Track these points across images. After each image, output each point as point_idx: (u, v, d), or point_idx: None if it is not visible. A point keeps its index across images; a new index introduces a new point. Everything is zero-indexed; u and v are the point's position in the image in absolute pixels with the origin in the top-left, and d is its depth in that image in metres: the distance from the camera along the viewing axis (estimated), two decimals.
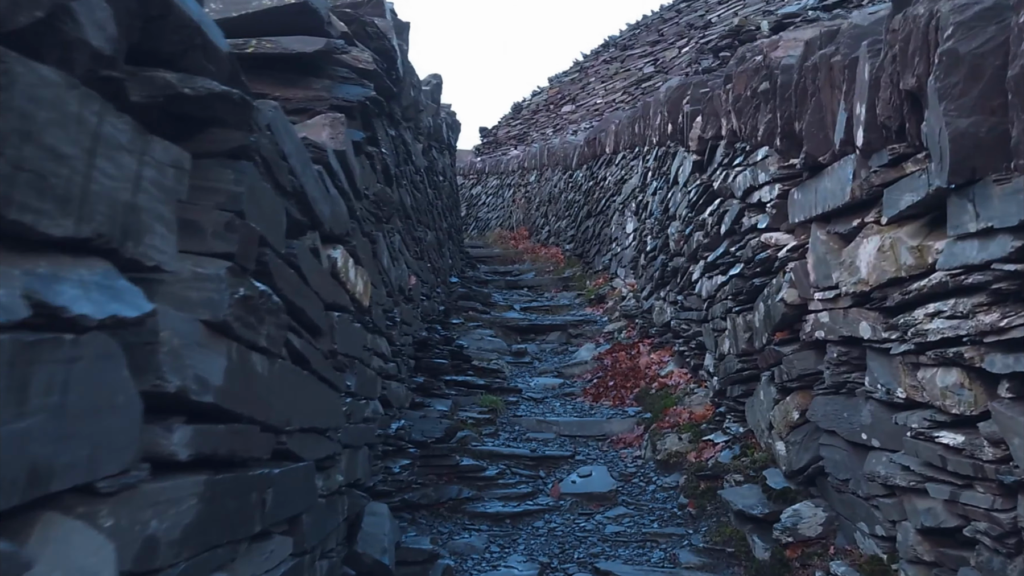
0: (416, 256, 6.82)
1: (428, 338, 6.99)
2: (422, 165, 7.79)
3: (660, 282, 8.12)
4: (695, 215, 6.53)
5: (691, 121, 6.36)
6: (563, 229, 15.20)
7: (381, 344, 4.56)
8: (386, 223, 4.93)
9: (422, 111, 7.52)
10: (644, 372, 7.72)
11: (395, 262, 5.33)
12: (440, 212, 9.61)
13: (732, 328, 5.40)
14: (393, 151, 5.24)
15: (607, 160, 12.31)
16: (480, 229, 20.98)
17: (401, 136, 6.38)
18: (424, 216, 7.57)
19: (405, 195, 6.13)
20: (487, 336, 9.51)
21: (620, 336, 9.30)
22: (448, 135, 11.17)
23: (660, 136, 8.28)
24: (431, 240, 8.15)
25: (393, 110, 5.17)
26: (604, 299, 10.98)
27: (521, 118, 26.18)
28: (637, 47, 24.69)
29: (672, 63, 22.42)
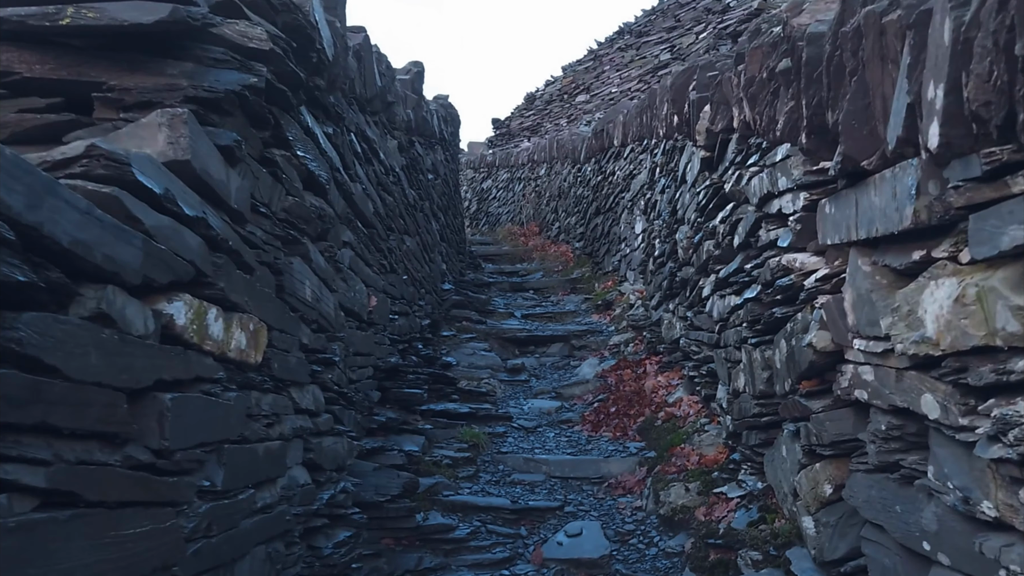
0: (383, 270, 5.84)
1: (399, 364, 6.00)
2: (397, 164, 6.79)
3: (669, 292, 7.09)
4: (705, 220, 5.50)
5: (698, 111, 5.32)
6: (573, 226, 14.18)
7: (303, 397, 3.58)
8: (318, 241, 3.94)
9: (393, 103, 6.52)
10: (650, 397, 6.70)
11: (337, 285, 4.35)
12: (428, 214, 8.61)
13: (748, 363, 4.37)
14: (332, 151, 4.25)
15: (615, 153, 11.26)
16: (491, 224, 20.01)
17: (360, 132, 5.39)
18: (398, 221, 6.58)
19: (363, 201, 5.14)
20: (480, 351, 8.52)
21: (627, 350, 8.28)
22: (441, 128, 10.13)
23: (667, 128, 7.23)
24: (411, 248, 7.16)
25: (328, 101, 4.17)
26: (612, 305, 9.95)
27: (534, 109, 25.15)
28: (653, 33, 23.68)
29: (689, 49, 21.40)
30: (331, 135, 4.23)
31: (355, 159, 5.10)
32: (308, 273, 3.66)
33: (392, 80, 6.65)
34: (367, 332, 5.21)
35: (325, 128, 4.17)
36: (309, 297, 3.63)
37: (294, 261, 3.44)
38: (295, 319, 3.43)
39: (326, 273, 4.03)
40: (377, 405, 5.63)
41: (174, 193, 2.20)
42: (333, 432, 4.04)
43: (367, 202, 5.35)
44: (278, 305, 3.18)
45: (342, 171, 4.44)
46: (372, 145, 5.72)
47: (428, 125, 8.66)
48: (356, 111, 5.31)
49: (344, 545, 3.92)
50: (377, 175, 5.84)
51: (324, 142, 4.05)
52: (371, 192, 5.53)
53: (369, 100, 5.78)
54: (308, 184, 3.73)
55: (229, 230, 2.65)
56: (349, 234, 4.79)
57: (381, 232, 5.82)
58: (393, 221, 6.37)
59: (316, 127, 3.91)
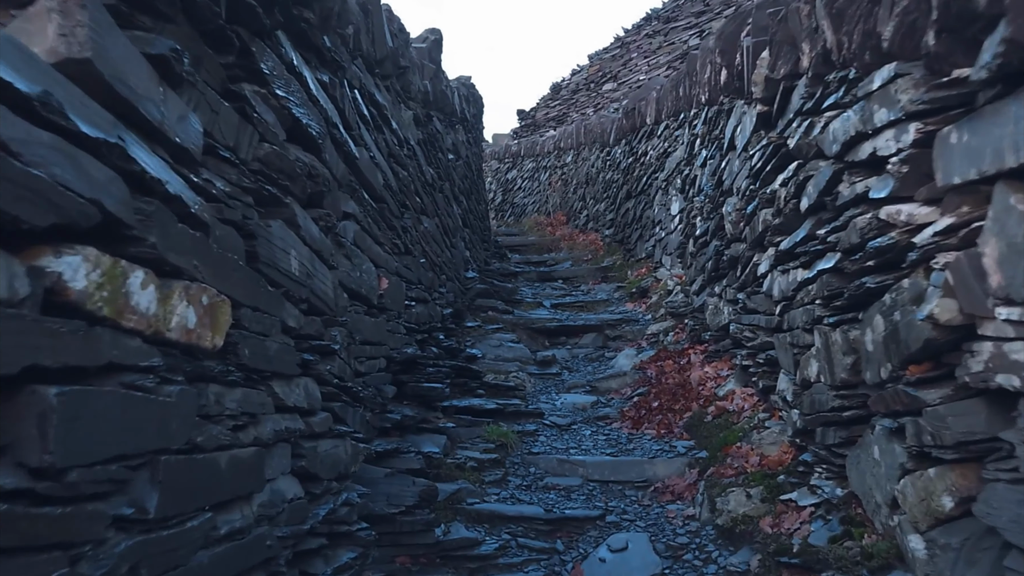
0: (396, 250, 5.15)
1: (417, 356, 5.30)
2: (412, 137, 6.10)
3: (714, 274, 6.35)
4: (760, 187, 4.76)
5: (754, 58, 4.57)
6: (602, 213, 13.44)
7: (290, 392, 2.89)
8: (310, 206, 3.26)
9: (407, 68, 5.83)
10: (697, 390, 5.97)
11: (338, 261, 3.67)
12: (449, 196, 7.92)
13: (824, 347, 3.63)
14: (328, 104, 3.56)
15: (647, 132, 10.51)
16: (516, 215, 19.30)
17: (368, 94, 4.71)
18: (414, 199, 5.89)
19: (371, 170, 4.46)
20: (507, 342, 7.82)
21: (666, 340, 7.54)
22: (462, 108, 9.43)
23: (711, 92, 6.48)
24: (429, 229, 6.48)
25: (322, 43, 3.48)
26: (647, 293, 9.21)
27: (560, 99, 24.41)
28: (681, 19, 22.88)
29: None
30: (327, 84, 3.55)
31: (360, 121, 4.42)
32: (295, 241, 2.97)
33: (406, 44, 5.96)
34: (378, 318, 4.53)
35: (319, 75, 3.48)
36: (295, 270, 2.94)
37: (273, 224, 2.75)
38: (275, 296, 2.75)
39: (321, 245, 3.34)
40: (392, 401, 4.94)
41: (60, 101, 1.52)
42: (333, 434, 3.35)
43: (376, 172, 4.66)
44: (249, 276, 2.49)
45: (341, 129, 3.75)
46: (382, 111, 5.04)
47: (448, 101, 7.97)
48: (363, 70, 4.63)
49: (347, 569, 3.23)
50: (388, 145, 5.16)
51: (317, 89, 3.36)
52: (381, 162, 4.84)
53: (379, 61, 5.10)
54: (294, 135, 3.04)
55: (167, 170, 1.96)
56: (353, 205, 4.10)
57: (393, 208, 5.13)
58: (408, 198, 5.69)
59: (305, 69, 3.22)
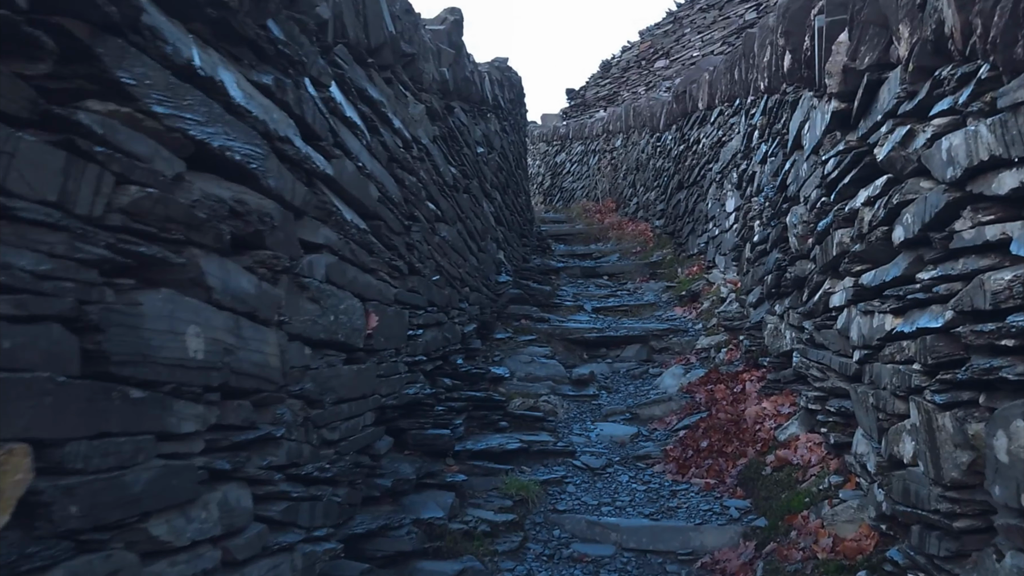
0: (398, 274, 4.29)
1: (420, 396, 4.45)
2: (425, 134, 5.22)
3: (774, 290, 5.38)
4: (835, 201, 3.79)
5: (828, 42, 3.58)
6: (652, 201, 12.43)
7: (188, 523, 2.06)
8: (242, 251, 2.42)
9: (414, 56, 4.93)
10: (753, 429, 5.02)
11: (297, 310, 2.82)
12: (478, 195, 7.03)
13: (925, 428, 2.68)
14: (275, 113, 2.70)
15: (699, 118, 9.47)
16: (565, 200, 18.36)
17: (358, 91, 3.84)
18: (425, 207, 5.01)
19: (358, 184, 3.61)
20: (540, 357, 6.94)
21: (718, 357, 6.58)
22: (495, 94, 8.49)
23: (771, 78, 5.47)
24: (448, 239, 5.60)
25: (255, 33, 2.60)
26: (697, 297, 8.24)
27: (610, 77, 23.25)
28: None
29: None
30: (269, 88, 2.68)
31: (342, 126, 3.55)
32: (197, 311, 2.12)
33: (414, 27, 5.07)
34: (365, 364, 3.68)
35: (256, 76, 2.62)
36: (196, 351, 2.10)
37: (148, 299, 1.90)
38: (147, 402, 1.91)
39: (258, 301, 2.50)
40: (388, 456, 4.11)
41: None
42: (270, 551, 2.51)
43: (367, 185, 3.81)
44: (80, 392, 1.65)
45: (297, 142, 2.88)
46: (378, 109, 4.16)
47: (474, 88, 7.04)
48: (348, 61, 3.76)
49: None
50: (388, 148, 4.29)
51: (246, 97, 2.49)
52: (375, 171, 3.98)
53: (374, 49, 4.22)
54: (202, 163, 2.20)
55: None
56: (327, 233, 3.25)
57: (394, 223, 4.27)
58: (417, 207, 4.82)
59: (224, 71, 2.36)
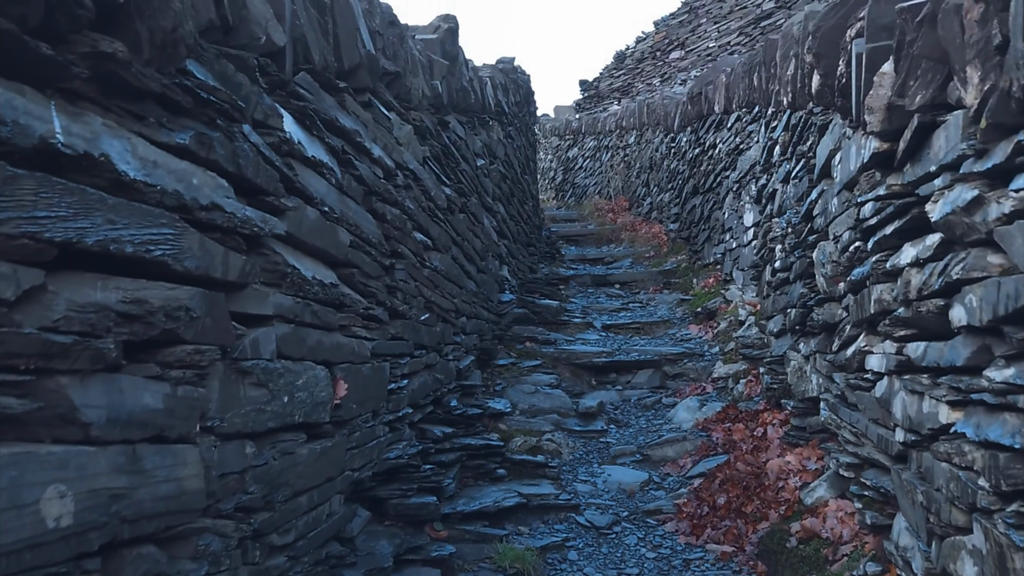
0: (375, 323, 3.79)
1: (402, 461, 3.94)
2: (414, 157, 4.69)
3: (799, 328, 4.83)
4: (874, 250, 3.23)
5: (869, 72, 3.01)
6: (666, 204, 11.86)
7: None
8: (155, 352, 1.91)
9: (398, 74, 4.38)
10: (775, 486, 4.49)
11: (246, 397, 2.32)
12: (476, 212, 6.49)
13: (994, 558, 2.15)
14: (186, 175, 2.19)
15: (716, 122, 8.88)
16: (577, 197, 17.80)
17: (327, 122, 3.32)
18: (411, 240, 4.50)
19: (323, 233, 3.11)
20: (544, 386, 6.42)
21: (736, 389, 6.04)
22: (498, 100, 7.93)
23: (796, 94, 4.90)
24: (440, 268, 5.08)
25: (169, 83, 2.09)
26: (714, 316, 7.68)
27: (624, 68, 22.61)
28: None
29: None
30: (187, 147, 2.15)
31: (304, 167, 3.03)
32: (60, 463, 1.60)
33: (399, 41, 4.52)
34: (332, 441, 3.17)
35: (169, 134, 2.09)
36: (58, 519, 1.59)
37: None
38: None
39: (171, 415, 1.98)
40: (363, 534, 3.61)
41: None
42: None
43: (335, 231, 3.29)
44: None
45: (227, 205, 2.36)
46: (353, 139, 3.63)
47: (473, 97, 6.49)
48: (312, 90, 3.24)
49: None
50: (366, 181, 3.76)
51: (149, 167, 1.96)
52: (347, 212, 3.46)
53: (348, 72, 3.69)
54: (80, 262, 1.69)
55: None
56: (279, 299, 2.73)
57: (371, 267, 3.76)
58: (402, 241, 4.30)
59: (113, 139, 1.82)
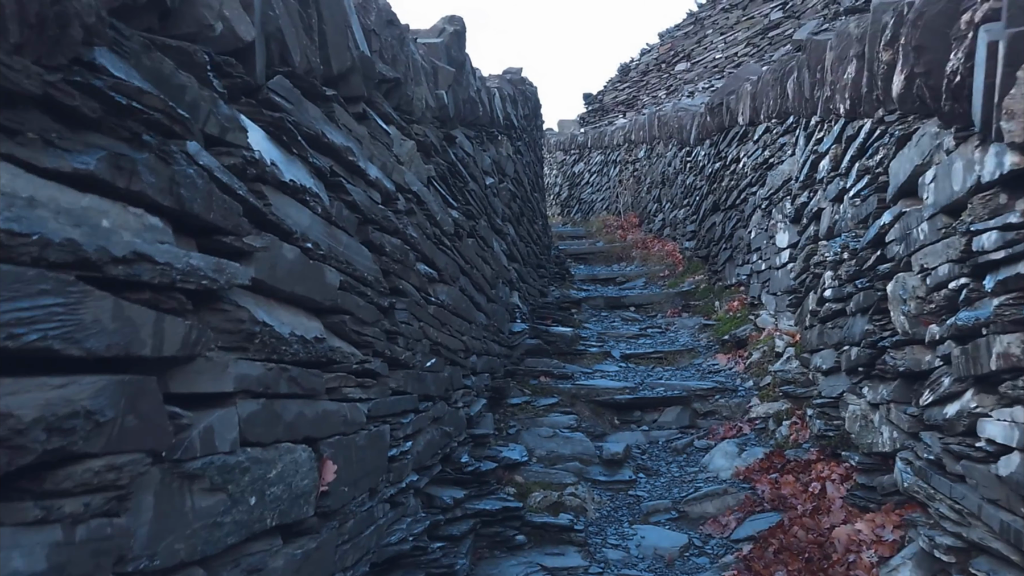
0: (370, 378, 3.07)
1: (403, 548, 3.22)
2: (418, 177, 3.98)
3: (863, 369, 4.10)
4: (996, 290, 2.52)
5: (1009, 67, 2.30)
6: (680, 220, 11.15)
7: None
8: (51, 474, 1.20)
9: (396, 79, 3.69)
10: (845, 561, 3.74)
11: (197, 509, 1.60)
12: (485, 235, 5.78)
13: None
14: (157, 184, 1.50)
15: (739, 134, 8.18)
16: (584, 213, 17.11)
17: (310, 137, 2.61)
18: (414, 273, 3.79)
19: (303, 278, 2.41)
20: (563, 428, 5.68)
21: (779, 432, 5.31)
22: (508, 113, 7.24)
23: (855, 100, 4.18)
24: (446, 302, 4.37)
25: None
26: (744, 345, 6.95)
27: (629, 81, 21.99)
28: None
29: (805, 6, 18.07)
30: (94, 175, 1.44)
31: (281, 195, 2.32)
32: None
33: (400, 43, 3.82)
34: (317, 540, 2.45)
35: (64, 157, 1.39)
36: None
37: None
38: None
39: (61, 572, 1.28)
40: None
41: None
42: None
43: (321, 272, 2.58)
44: None
45: (162, 255, 1.64)
46: (344, 157, 2.93)
47: (482, 109, 5.78)
48: (293, 99, 2.53)
49: None
50: (361, 208, 3.05)
51: (25, 207, 1.27)
52: (337, 247, 2.75)
53: (339, 77, 2.98)
54: None
55: None
56: (244, 368, 2.01)
57: (366, 311, 3.05)
58: (404, 276, 3.59)
59: None
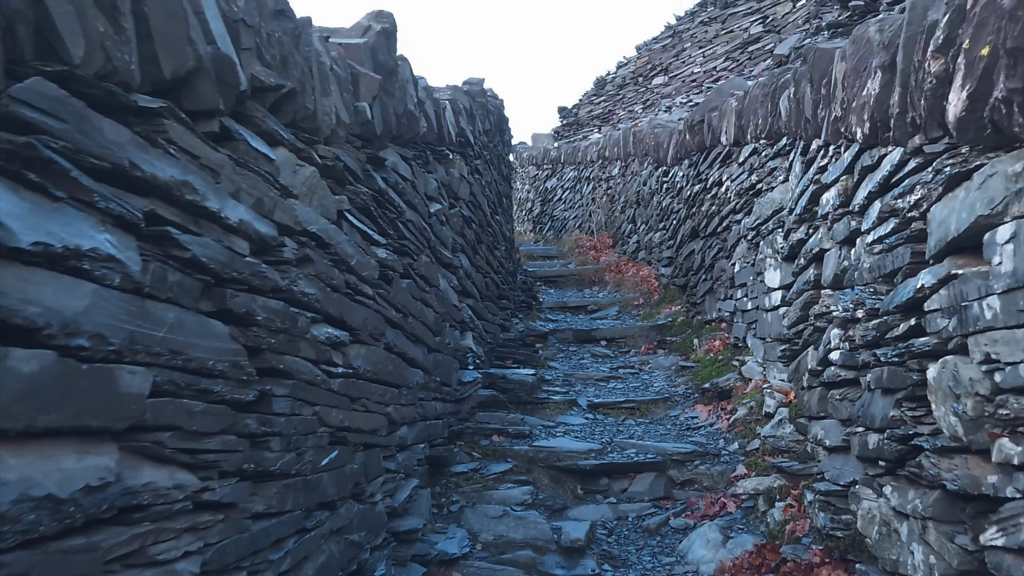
0: (217, 505, 2.14)
1: None
2: (318, 214, 3.04)
3: (888, 467, 3.19)
4: None
5: None
6: (656, 244, 10.28)
7: None
8: None
9: (285, 88, 2.77)
10: None
11: None
12: (428, 273, 4.84)
13: None
14: None
15: (721, 155, 7.30)
16: (556, 231, 16.25)
17: (82, 161, 1.69)
18: (304, 343, 2.86)
19: (66, 387, 1.50)
20: (515, 506, 4.74)
21: (771, 516, 4.40)
22: (464, 128, 6.30)
23: (877, 123, 3.29)
24: (366, 367, 3.44)
25: None
26: (728, 397, 6.05)
27: (605, 94, 21.18)
28: (741, 4, 19.62)
29: (785, 20, 17.39)
30: None
31: (26, 270, 1.39)
32: None
33: (295, 41, 2.88)
34: None
35: None
36: None
37: None
38: None
39: None
40: None
41: None
42: None
43: (110, 379, 1.65)
44: None
45: None
46: (176, 196, 1.99)
47: (426, 124, 4.83)
48: (67, 112, 1.60)
49: None
50: (208, 267, 2.11)
51: None
52: (151, 335, 1.82)
53: (174, 83, 2.06)
54: None
55: None
56: None
57: (206, 417, 2.11)
58: (286, 350, 2.65)
59: None
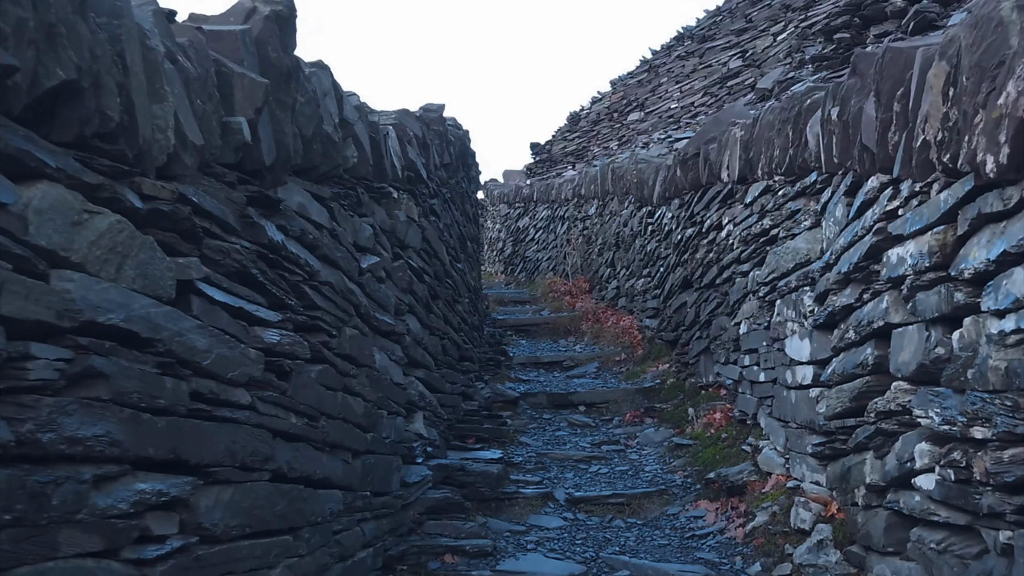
0: None
1: None
2: (145, 290, 1.82)
3: None
4: None
5: None
6: (639, 291, 9.09)
7: None
8: None
9: (48, 86, 1.58)
10: None
11: None
12: (358, 352, 3.58)
13: None
14: None
15: (722, 193, 6.11)
16: (529, 272, 15.08)
17: None
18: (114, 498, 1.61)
19: None
20: None
21: None
22: (413, 160, 5.07)
23: (1016, 145, 2.14)
24: (227, 520, 2.19)
25: None
26: (740, 492, 4.80)
27: (579, 130, 20.17)
28: (719, 37, 18.74)
29: (765, 54, 16.48)
30: None
31: None
32: None
33: (76, 13, 1.67)
34: None
35: None
36: None
37: None
38: None
39: None
40: None
41: None
42: None
43: None
44: None
45: None
46: None
47: (355, 154, 3.59)
48: None
49: None
50: None
51: None
52: None
53: None
54: None
55: None
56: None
57: None
58: None
59: None
